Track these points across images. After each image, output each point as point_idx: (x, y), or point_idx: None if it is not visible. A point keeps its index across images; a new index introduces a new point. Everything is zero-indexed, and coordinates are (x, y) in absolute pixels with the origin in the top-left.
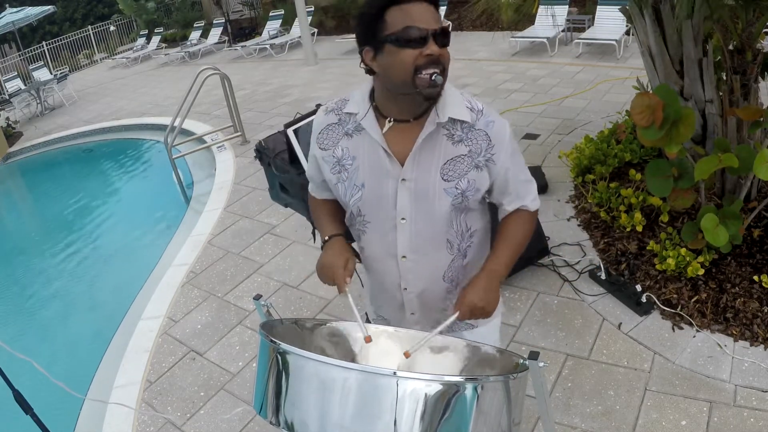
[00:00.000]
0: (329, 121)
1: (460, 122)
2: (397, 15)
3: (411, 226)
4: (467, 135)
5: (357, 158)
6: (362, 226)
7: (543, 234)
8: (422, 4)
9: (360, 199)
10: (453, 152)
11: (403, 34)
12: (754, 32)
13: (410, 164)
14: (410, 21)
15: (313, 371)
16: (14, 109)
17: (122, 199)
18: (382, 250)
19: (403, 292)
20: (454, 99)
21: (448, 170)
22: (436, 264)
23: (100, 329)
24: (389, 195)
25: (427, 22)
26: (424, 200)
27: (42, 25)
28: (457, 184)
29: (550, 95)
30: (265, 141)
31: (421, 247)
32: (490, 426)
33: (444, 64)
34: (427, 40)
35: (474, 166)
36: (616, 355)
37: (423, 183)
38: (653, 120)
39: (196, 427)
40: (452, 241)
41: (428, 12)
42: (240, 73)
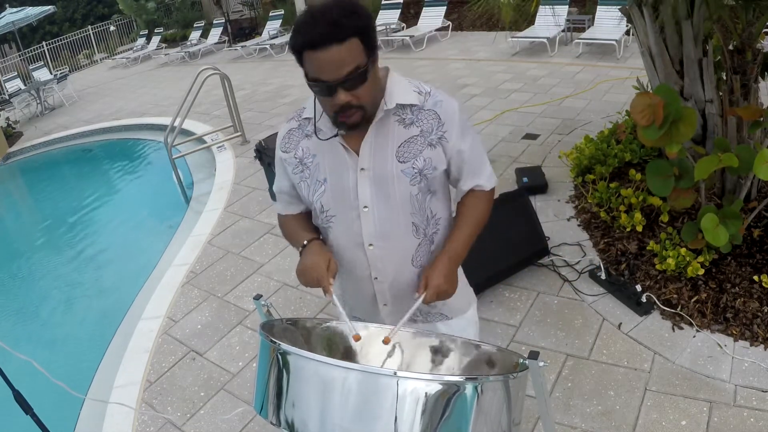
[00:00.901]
0: (290, 127)
1: (409, 106)
2: (309, 61)
3: (374, 213)
4: (417, 116)
5: (317, 155)
6: (327, 222)
7: (543, 234)
8: (330, 50)
9: (323, 193)
10: (405, 134)
11: (312, 85)
12: (754, 32)
13: (366, 153)
14: (316, 72)
15: (313, 371)
16: (14, 109)
17: (122, 200)
18: (350, 241)
19: (374, 282)
20: (401, 86)
21: (403, 152)
22: (403, 249)
23: (100, 329)
24: (350, 186)
25: (332, 72)
26: (384, 185)
27: (42, 25)
28: (413, 164)
29: (550, 95)
30: (265, 141)
31: (386, 233)
32: (490, 426)
33: (357, 105)
34: (333, 90)
35: (427, 144)
36: (616, 355)
37: (380, 169)
38: (654, 119)
39: (196, 427)
40: (418, 224)
41: (334, 57)
42: (240, 73)
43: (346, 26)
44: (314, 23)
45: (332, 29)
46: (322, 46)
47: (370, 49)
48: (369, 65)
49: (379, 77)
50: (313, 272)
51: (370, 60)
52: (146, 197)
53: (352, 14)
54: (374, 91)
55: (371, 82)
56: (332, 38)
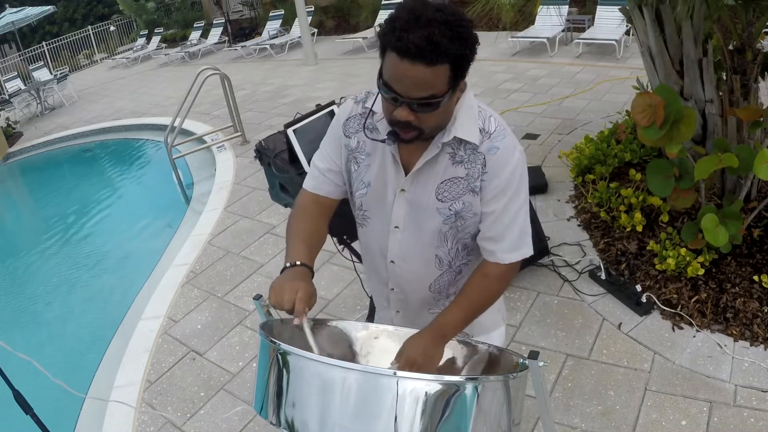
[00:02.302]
0: (355, 112)
1: (465, 142)
2: (389, 62)
3: (402, 235)
4: (469, 157)
5: (370, 156)
6: (363, 220)
7: (543, 234)
8: (415, 67)
9: (364, 195)
10: (451, 173)
11: (381, 86)
12: (754, 32)
13: (411, 177)
14: (390, 78)
15: (313, 371)
16: (14, 109)
17: (122, 200)
18: (376, 249)
19: (391, 292)
20: (468, 115)
21: (444, 190)
22: (422, 275)
23: (101, 329)
24: (389, 201)
25: (407, 88)
26: (418, 214)
27: (42, 25)
28: (451, 205)
29: (550, 95)
30: (265, 141)
31: (408, 257)
32: (490, 426)
33: (416, 126)
34: (398, 102)
35: (470, 189)
36: (616, 355)
37: (419, 198)
38: (654, 119)
39: (196, 427)
40: (442, 257)
41: (416, 75)
42: (240, 73)
43: (445, 50)
44: (413, 29)
45: (428, 47)
46: (408, 58)
47: (457, 79)
48: (446, 95)
49: (453, 104)
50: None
51: (450, 89)
52: (146, 197)
53: (457, 38)
54: (441, 120)
55: (441, 112)
56: (423, 56)
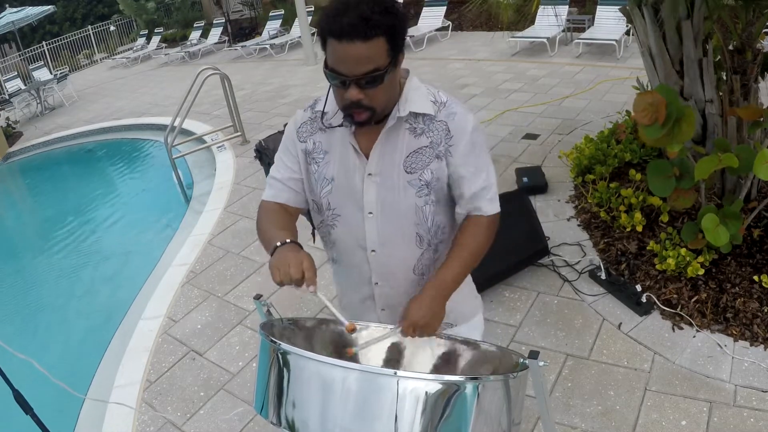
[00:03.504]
0: (305, 118)
1: (422, 115)
2: (330, 49)
3: (378, 220)
4: (428, 126)
5: (329, 153)
6: (332, 220)
7: (543, 234)
8: (354, 45)
9: (330, 192)
10: (415, 144)
11: (328, 73)
12: (754, 32)
13: (374, 159)
14: (334, 63)
15: (313, 371)
16: (14, 109)
17: (122, 199)
18: (353, 244)
19: (374, 287)
20: (418, 93)
21: (411, 162)
22: (405, 257)
23: (100, 329)
24: (357, 189)
25: (350, 67)
26: (390, 194)
27: (42, 25)
28: (420, 175)
29: (550, 95)
30: (265, 141)
31: (389, 241)
32: (490, 425)
33: (367, 105)
34: (346, 85)
35: (435, 156)
36: (616, 355)
37: (388, 177)
38: (656, 118)
39: (196, 427)
40: (422, 235)
41: (356, 52)
42: (240, 73)
43: (376, 23)
44: (344, 12)
45: (360, 23)
46: (346, 39)
47: (395, 51)
48: (389, 68)
49: (398, 81)
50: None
51: (391, 62)
52: (146, 197)
53: (385, 11)
54: (388, 95)
55: (387, 86)
56: (358, 33)
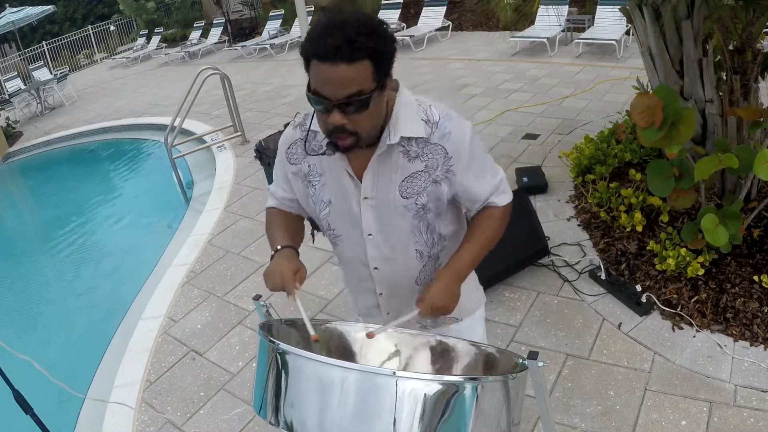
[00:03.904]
0: (295, 137)
1: (415, 138)
2: (313, 71)
3: (378, 240)
4: (423, 150)
5: (323, 175)
6: (334, 239)
7: (543, 234)
8: (337, 67)
9: (328, 214)
10: (410, 169)
11: (311, 96)
12: (754, 32)
13: (368, 183)
14: (317, 85)
15: (312, 371)
16: (14, 108)
17: (122, 199)
18: (355, 260)
19: (379, 297)
20: (408, 114)
21: (406, 187)
22: (407, 272)
23: (101, 329)
24: (354, 212)
25: (333, 90)
26: (387, 217)
27: (42, 24)
28: (416, 200)
29: (550, 95)
30: (265, 141)
31: (390, 258)
32: (490, 426)
33: (351, 131)
34: (330, 110)
35: (432, 181)
36: (616, 355)
37: (383, 200)
38: (653, 120)
39: (196, 427)
40: (421, 250)
41: (339, 75)
42: (240, 73)
43: (361, 46)
44: (328, 34)
45: (345, 45)
46: (329, 61)
47: (381, 75)
48: (374, 92)
49: (385, 104)
50: (277, 276)
51: (377, 86)
52: (146, 197)
53: (371, 34)
54: (374, 120)
55: (373, 111)
56: (342, 56)
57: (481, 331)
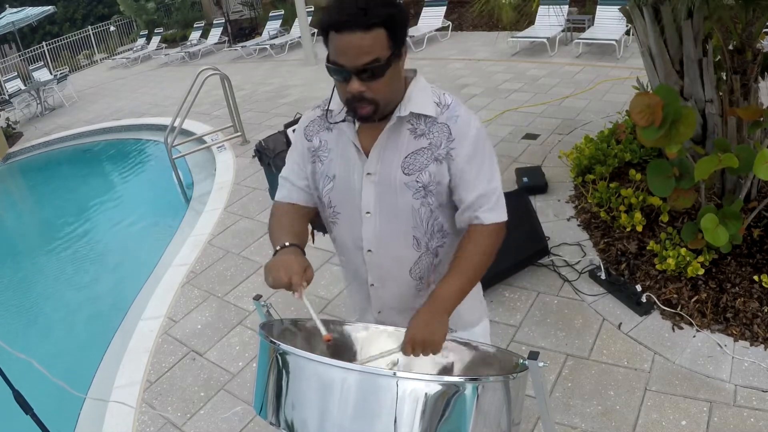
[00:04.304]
0: (315, 115)
1: (423, 116)
2: (331, 42)
3: (375, 220)
4: (429, 129)
5: (332, 150)
6: (333, 218)
7: (543, 234)
8: (354, 35)
9: (331, 189)
10: (414, 146)
11: (329, 66)
12: (754, 32)
13: (374, 158)
14: (336, 55)
15: (312, 371)
16: (14, 109)
17: (122, 200)
18: (350, 243)
19: (370, 288)
20: (422, 94)
21: (409, 164)
22: (401, 259)
23: (101, 329)
24: (356, 188)
25: (350, 58)
26: (388, 194)
27: (42, 25)
28: (418, 177)
29: (550, 95)
30: (265, 141)
31: (385, 241)
32: (490, 426)
33: (370, 98)
34: (348, 77)
35: (434, 159)
36: (616, 355)
37: (385, 177)
38: (653, 120)
39: (196, 427)
40: (419, 238)
41: (356, 43)
42: (240, 73)
43: (375, 14)
44: (343, 4)
45: (360, 14)
46: (346, 30)
47: (395, 43)
48: (391, 60)
49: (401, 77)
50: (281, 270)
51: (393, 55)
52: (146, 197)
53: (384, 3)
54: (391, 89)
55: (389, 78)
56: (358, 24)
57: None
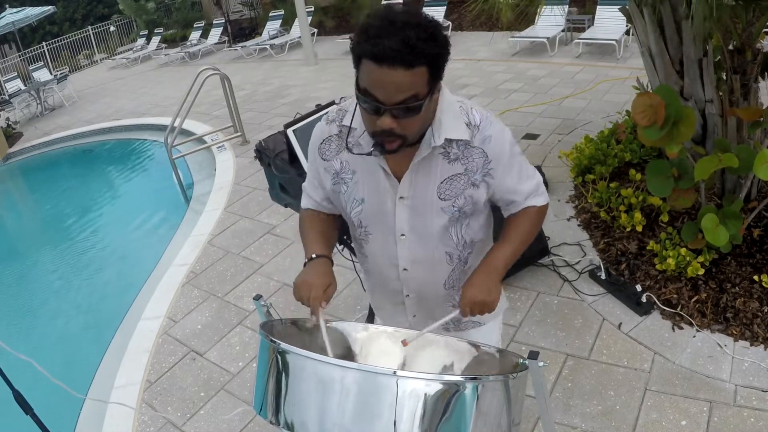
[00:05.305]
0: (331, 132)
1: (456, 141)
2: (365, 70)
3: (410, 241)
4: (463, 153)
5: (357, 173)
6: (364, 237)
7: (543, 234)
8: (395, 71)
9: (360, 212)
10: (449, 171)
11: (360, 96)
12: (754, 32)
13: (407, 183)
14: (369, 85)
15: (312, 371)
16: (14, 109)
17: (122, 200)
18: (384, 261)
19: (405, 299)
20: (452, 116)
21: (445, 189)
22: (436, 274)
23: (101, 329)
24: (388, 211)
25: (387, 94)
26: (422, 218)
27: (42, 25)
28: (454, 202)
29: (550, 95)
30: (265, 141)
31: (421, 260)
32: (490, 426)
33: (399, 134)
34: (380, 112)
35: (471, 184)
36: (616, 355)
37: (420, 201)
38: (655, 120)
39: (196, 427)
40: (451, 253)
41: (396, 80)
42: (240, 73)
43: (421, 52)
44: (388, 35)
45: (405, 50)
46: (387, 64)
47: (435, 80)
48: (427, 97)
49: (432, 107)
50: (306, 291)
51: (430, 91)
52: (146, 197)
53: (430, 39)
54: (422, 124)
55: (423, 116)
56: (402, 60)
57: (498, 335)
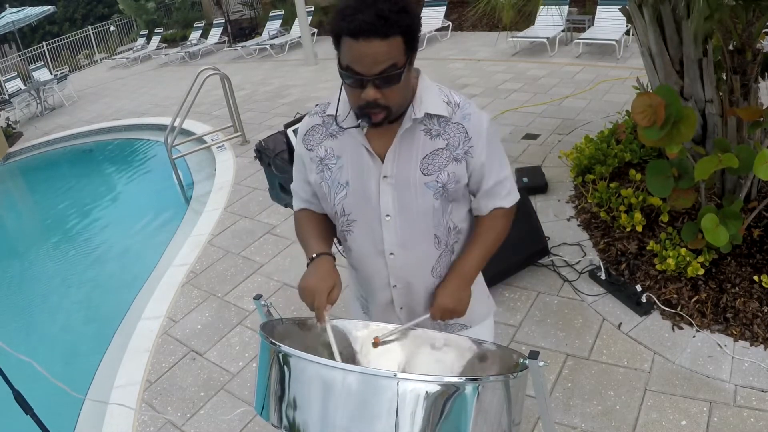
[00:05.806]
0: (314, 123)
1: (437, 117)
2: (345, 48)
3: (396, 223)
4: (444, 129)
5: (341, 158)
6: (348, 226)
7: (543, 234)
8: (372, 43)
9: (345, 197)
10: (431, 146)
11: (343, 73)
12: (754, 32)
13: (390, 161)
14: (350, 61)
15: (313, 373)
16: (14, 109)
17: (122, 200)
18: (370, 248)
19: (393, 289)
20: (431, 93)
21: (428, 164)
22: (424, 259)
23: (100, 329)
24: (373, 192)
25: (367, 66)
26: (407, 196)
27: (42, 25)
28: (437, 177)
29: (550, 95)
30: (265, 141)
31: (408, 243)
32: (490, 426)
33: (384, 105)
34: (363, 85)
35: (453, 158)
36: (616, 355)
37: (404, 179)
38: (655, 120)
39: (196, 427)
40: (440, 236)
41: (374, 51)
42: (240, 73)
43: (394, 22)
44: (361, 11)
45: (379, 22)
46: (363, 37)
47: (410, 50)
48: (405, 66)
49: (411, 80)
50: (310, 296)
51: (407, 61)
52: (146, 197)
53: (402, 11)
54: (404, 94)
55: (403, 85)
56: (376, 31)
57: (490, 338)
